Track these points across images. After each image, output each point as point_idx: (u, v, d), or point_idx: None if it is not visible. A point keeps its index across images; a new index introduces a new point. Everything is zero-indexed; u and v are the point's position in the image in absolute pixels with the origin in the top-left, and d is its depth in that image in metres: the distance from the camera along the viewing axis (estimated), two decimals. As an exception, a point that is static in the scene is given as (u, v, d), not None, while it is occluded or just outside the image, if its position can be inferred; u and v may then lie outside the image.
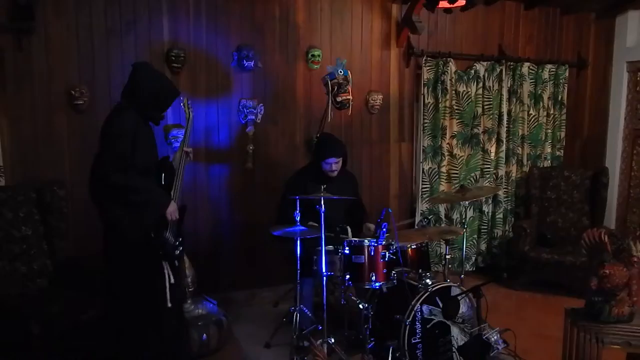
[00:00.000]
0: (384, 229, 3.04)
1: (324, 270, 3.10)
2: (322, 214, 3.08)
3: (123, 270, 2.59)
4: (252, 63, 4.08)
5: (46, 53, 3.58)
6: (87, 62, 3.69)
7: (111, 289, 2.69)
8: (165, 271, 2.56)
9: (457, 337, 3.06)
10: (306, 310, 3.45)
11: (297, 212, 3.23)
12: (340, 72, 3.93)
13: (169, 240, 2.56)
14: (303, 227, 3.24)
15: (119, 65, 3.75)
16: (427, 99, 4.73)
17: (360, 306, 3.08)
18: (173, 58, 3.86)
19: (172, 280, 2.58)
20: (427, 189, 4.80)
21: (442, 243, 4.73)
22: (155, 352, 2.61)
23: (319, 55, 4.33)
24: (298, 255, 3.29)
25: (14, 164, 3.54)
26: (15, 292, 2.89)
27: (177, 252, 2.60)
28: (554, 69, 5.20)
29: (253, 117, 4.16)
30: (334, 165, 3.57)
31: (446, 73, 4.69)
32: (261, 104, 4.20)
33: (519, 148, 5.14)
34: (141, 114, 2.64)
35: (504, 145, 5.02)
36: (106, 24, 3.73)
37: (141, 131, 2.62)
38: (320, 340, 3.06)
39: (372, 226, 3.60)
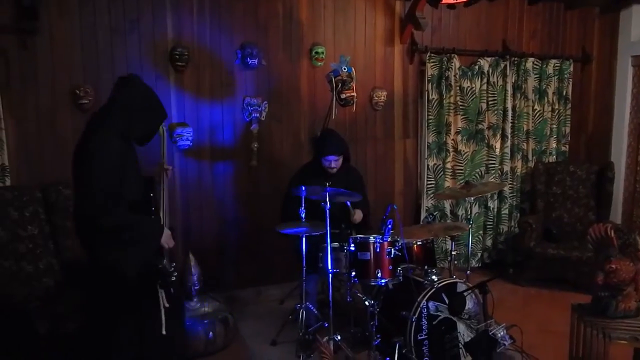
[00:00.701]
0: (389, 226, 3.04)
1: (329, 267, 3.11)
2: (327, 210, 3.08)
3: (115, 304, 2.44)
4: (255, 61, 4.08)
5: (50, 53, 3.59)
6: (91, 62, 3.70)
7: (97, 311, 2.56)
8: (161, 298, 2.44)
9: (464, 333, 3.06)
10: (312, 308, 3.45)
11: (302, 209, 3.23)
12: (344, 69, 3.91)
13: (165, 269, 2.46)
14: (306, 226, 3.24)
15: (123, 64, 3.76)
16: (432, 95, 4.72)
17: (366, 303, 3.08)
18: (177, 56, 3.86)
19: (167, 305, 2.44)
20: (432, 185, 4.79)
21: (447, 239, 4.73)
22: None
23: (322, 53, 4.32)
24: (303, 253, 3.29)
25: (19, 164, 3.56)
26: (22, 291, 2.90)
27: (173, 278, 2.48)
28: (558, 64, 5.17)
29: (257, 115, 4.16)
30: (334, 162, 3.58)
31: (450, 69, 4.68)
32: (265, 102, 4.20)
33: (524, 143, 5.12)
34: (127, 135, 2.35)
35: (509, 141, 5.00)
36: (110, 22, 3.73)
37: (128, 159, 2.35)
38: (327, 337, 3.07)
39: (358, 212, 3.61)
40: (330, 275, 3.12)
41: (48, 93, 3.61)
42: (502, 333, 2.58)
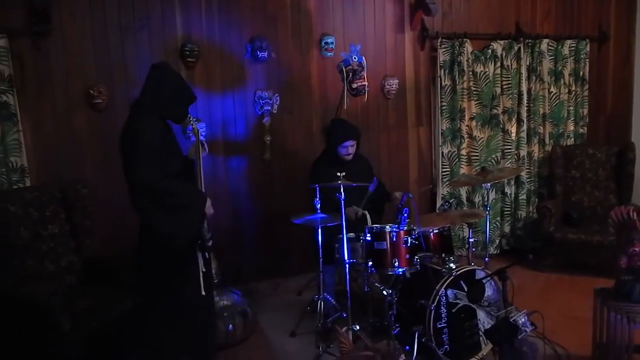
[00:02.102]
0: (405, 214, 3.02)
1: (346, 257, 3.10)
2: (342, 201, 3.07)
3: (159, 265, 2.60)
4: (265, 54, 4.07)
5: (63, 54, 3.63)
6: (103, 61, 3.73)
7: (143, 284, 2.71)
8: (199, 261, 2.60)
9: (484, 320, 3.04)
10: (330, 299, 3.46)
11: (317, 199, 3.23)
12: (355, 58, 3.88)
13: (204, 232, 2.62)
14: (324, 215, 3.24)
15: (135, 62, 3.78)
16: (444, 82, 4.66)
17: (384, 292, 3.07)
18: (187, 53, 3.87)
19: (204, 269, 2.62)
20: (448, 173, 4.75)
21: (464, 226, 4.70)
22: (186, 343, 2.65)
23: (332, 43, 4.29)
24: (320, 244, 3.29)
25: (38, 165, 3.62)
26: (45, 289, 2.94)
27: (209, 243, 2.65)
28: (574, 45, 5.07)
29: (269, 107, 4.16)
30: (350, 148, 3.57)
31: (462, 54, 4.61)
32: (277, 94, 4.20)
33: (541, 127, 5.04)
34: (162, 115, 2.59)
35: (525, 125, 4.93)
36: (120, 21, 3.75)
37: (167, 135, 2.59)
38: (345, 327, 3.07)
39: (397, 194, 3.61)
40: (347, 265, 3.12)
41: (63, 94, 3.65)
42: (523, 320, 2.54)
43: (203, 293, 2.61)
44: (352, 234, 3.20)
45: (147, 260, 2.66)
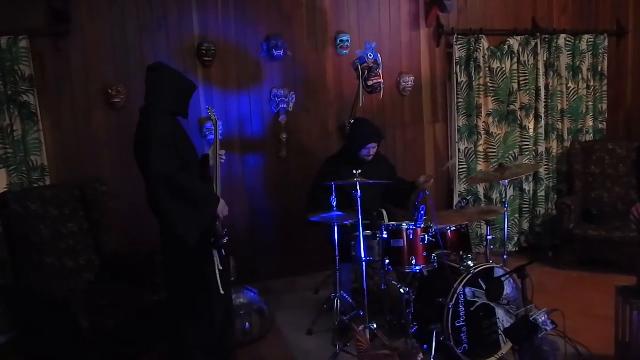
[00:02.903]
0: (422, 212, 3.00)
1: (362, 255, 3.09)
2: (359, 199, 3.06)
3: (179, 261, 2.65)
4: (281, 52, 4.08)
5: (82, 54, 3.68)
6: (122, 61, 3.77)
7: (169, 280, 2.76)
8: (215, 259, 2.61)
9: (503, 319, 3.01)
10: (346, 297, 3.45)
11: (333, 197, 3.23)
12: (370, 55, 3.87)
13: (218, 229, 2.62)
14: (340, 213, 3.23)
15: (152, 61, 3.75)
16: (460, 78, 4.63)
17: (402, 290, 3.05)
18: (204, 52, 3.90)
19: (220, 267, 2.62)
20: (465, 169, 4.71)
21: (482, 224, 4.65)
22: (205, 340, 2.67)
23: (347, 40, 4.29)
24: (336, 241, 3.28)
25: (57, 163, 3.67)
26: (64, 286, 2.99)
27: (224, 241, 2.65)
28: (592, 39, 4.99)
29: (285, 105, 4.17)
30: (372, 149, 3.57)
31: (478, 50, 4.57)
32: (292, 92, 4.20)
33: (559, 123, 4.98)
34: (170, 112, 2.63)
35: (543, 121, 4.87)
36: (138, 22, 3.79)
37: (178, 131, 2.64)
38: (362, 326, 3.06)
39: (422, 178, 3.62)
40: (364, 263, 3.11)
41: (82, 93, 3.70)
42: (543, 318, 2.50)
43: (222, 292, 2.62)
44: (368, 232, 3.19)
45: (168, 257, 2.70)
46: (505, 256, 3.46)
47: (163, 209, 2.48)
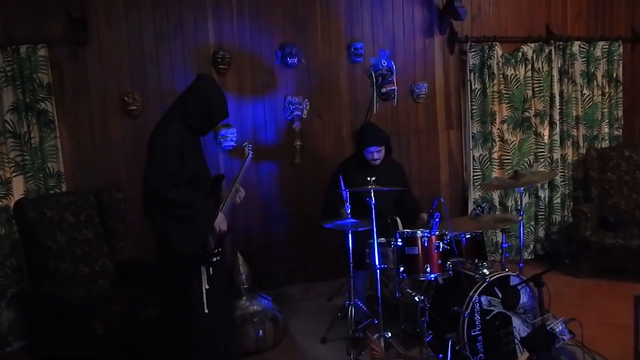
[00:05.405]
0: (437, 219, 2.98)
1: (377, 263, 3.08)
2: (373, 206, 3.05)
3: (171, 275, 2.63)
4: (295, 60, 4.10)
5: (100, 62, 3.72)
6: (138, 69, 3.81)
7: (164, 292, 2.76)
8: (203, 276, 2.54)
9: (519, 328, 2.97)
10: (361, 305, 3.44)
11: (348, 204, 3.22)
12: (384, 63, 3.88)
13: (209, 244, 2.56)
14: (354, 220, 3.22)
15: (168, 69, 3.86)
16: (474, 85, 4.62)
17: (416, 298, 3.04)
18: (219, 60, 3.93)
19: (207, 286, 2.54)
20: (479, 176, 4.69)
21: (497, 231, 4.61)
22: (205, 352, 2.64)
23: (361, 48, 4.30)
24: (350, 249, 3.28)
25: (73, 170, 3.71)
26: (79, 293, 3.00)
27: (214, 259, 2.56)
28: (606, 46, 4.96)
29: (299, 112, 4.19)
30: (376, 153, 3.57)
31: (492, 57, 4.56)
32: (306, 100, 4.22)
33: (574, 130, 4.94)
34: (188, 124, 2.58)
35: (558, 128, 4.83)
36: (154, 30, 3.84)
37: (187, 143, 2.57)
38: (377, 334, 3.03)
39: (425, 216, 3.54)
40: (378, 271, 3.10)
41: (99, 101, 3.75)
42: (560, 327, 2.47)
43: (206, 311, 2.53)
44: (383, 239, 3.17)
45: (163, 270, 2.68)
46: (521, 264, 3.43)
47: (154, 222, 2.51)
